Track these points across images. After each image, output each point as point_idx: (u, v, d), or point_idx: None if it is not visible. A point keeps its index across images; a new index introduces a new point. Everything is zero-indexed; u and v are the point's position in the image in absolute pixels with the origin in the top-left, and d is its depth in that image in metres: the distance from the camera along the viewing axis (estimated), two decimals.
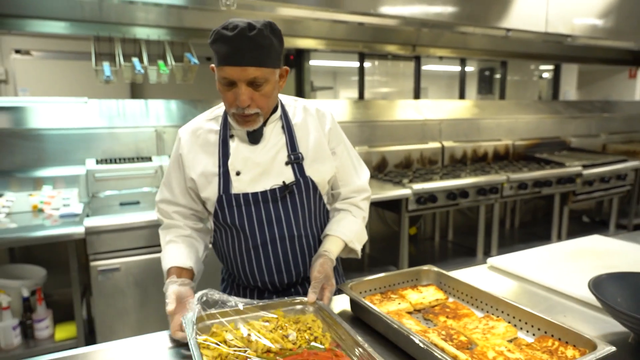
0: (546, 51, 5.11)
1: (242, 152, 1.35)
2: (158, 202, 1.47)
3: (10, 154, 2.89)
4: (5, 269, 2.67)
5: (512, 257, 1.74)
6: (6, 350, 2.38)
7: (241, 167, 1.34)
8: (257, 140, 1.35)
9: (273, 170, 1.36)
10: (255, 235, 1.36)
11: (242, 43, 1.15)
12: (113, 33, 3.09)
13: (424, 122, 4.30)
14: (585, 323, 1.26)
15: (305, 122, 1.42)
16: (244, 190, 1.34)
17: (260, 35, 1.16)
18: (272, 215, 1.36)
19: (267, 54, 1.20)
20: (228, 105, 1.26)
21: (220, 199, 1.34)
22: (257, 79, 1.21)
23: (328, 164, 1.43)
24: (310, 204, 1.41)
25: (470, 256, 3.79)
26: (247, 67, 1.18)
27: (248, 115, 1.25)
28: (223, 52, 1.17)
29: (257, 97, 1.24)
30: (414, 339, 1.02)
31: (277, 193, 1.35)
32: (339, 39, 4.03)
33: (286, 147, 1.37)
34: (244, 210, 1.35)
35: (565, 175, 3.91)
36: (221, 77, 1.22)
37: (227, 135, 1.37)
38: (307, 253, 1.43)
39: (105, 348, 1.18)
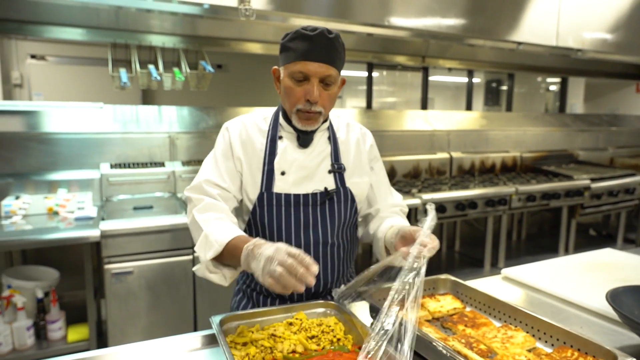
0: (553, 64, 5.16)
1: (290, 154, 1.39)
2: (203, 182, 1.35)
3: (26, 157, 2.93)
4: (19, 270, 2.70)
5: (526, 268, 1.76)
6: (20, 351, 2.40)
7: (287, 168, 1.37)
8: (306, 144, 1.40)
9: (316, 176, 1.39)
10: (291, 238, 1.37)
11: (322, 42, 1.25)
12: (129, 40, 3.15)
13: (432, 133, 4.33)
14: (602, 335, 1.28)
15: (347, 138, 1.49)
16: (287, 191, 1.37)
17: (336, 39, 1.29)
18: (310, 219, 1.37)
19: (339, 58, 1.31)
20: (295, 100, 1.31)
21: (261, 196, 1.36)
22: (329, 77, 1.29)
23: (366, 178, 1.49)
24: (347, 215, 1.44)
25: (478, 267, 3.80)
26: (324, 64, 1.27)
27: (313, 112, 1.31)
28: (303, 49, 1.26)
29: (324, 96, 1.31)
30: (436, 345, 1.04)
31: (318, 198, 1.38)
32: (348, 49, 4.03)
33: (330, 157, 1.43)
34: (283, 210, 1.36)
35: (573, 188, 3.92)
36: (296, 72, 1.28)
37: (276, 135, 1.40)
38: (337, 262, 1.44)
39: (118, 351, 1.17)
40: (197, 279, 2.68)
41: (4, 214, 2.59)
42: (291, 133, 1.40)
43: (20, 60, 4.21)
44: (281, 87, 1.36)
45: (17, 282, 2.51)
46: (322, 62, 1.27)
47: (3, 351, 2.36)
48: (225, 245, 1.18)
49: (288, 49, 1.30)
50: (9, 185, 2.81)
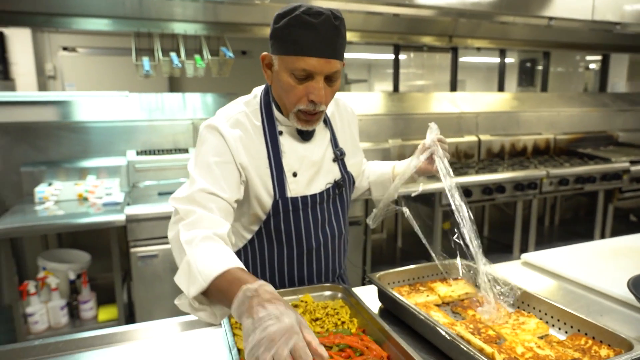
0: (593, 40, 4.87)
1: (296, 151, 1.24)
2: (195, 192, 1.09)
3: (58, 146, 3.05)
4: (54, 253, 2.83)
5: (547, 253, 1.69)
6: (55, 328, 2.53)
7: (297, 168, 1.23)
8: (309, 136, 1.25)
9: (323, 168, 1.28)
10: (311, 239, 1.28)
11: (328, 32, 1.06)
12: (152, 29, 3.19)
13: (459, 115, 4.20)
14: (624, 324, 1.21)
15: (338, 116, 1.37)
16: (302, 193, 1.24)
17: (342, 25, 1.10)
18: (325, 214, 1.29)
19: (344, 46, 1.13)
20: (296, 100, 1.12)
21: (276, 204, 1.21)
22: (336, 74, 1.12)
23: (359, 157, 1.43)
24: (350, 199, 1.40)
25: (506, 253, 3.69)
26: (331, 60, 1.08)
27: (317, 112, 1.14)
28: (305, 41, 1.05)
29: (328, 93, 1.13)
30: (439, 330, 1.01)
31: (331, 192, 1.29)
32: (373, 31, 3.99)
33: (331, 143, 1.31)
34: (301, 214, 1.24)
35: (610, 171, 3.73)
36: (298, 69, 1.07)
37: (274, 131, 1.21)
38: (344, 250, 1.43)
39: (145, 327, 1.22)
40: None
41: (38, 200, 2.71)
42: (289, 126, 1.23)
43: (53, 53, 4.37)
44: (275, 80, 1.15)
45: (51, 265, 2.64)
46: (328, 57, 1.07)
47: (40, 329, 2.49)
48: (212, 281, 0.91)
49: (285, 37, 1.07)
50: (43, 173, 2.93)
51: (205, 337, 1.19)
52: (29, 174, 2.91)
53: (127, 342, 1.18)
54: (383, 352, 1.00)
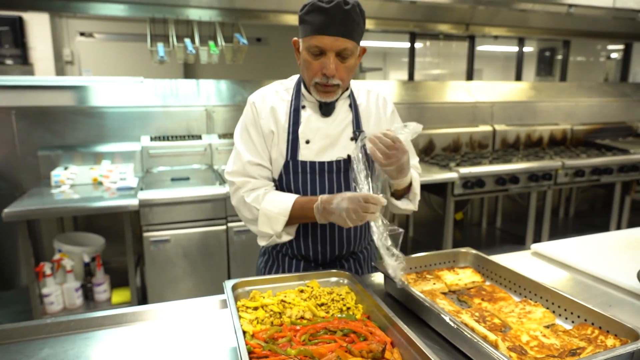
0: (615, 29, 4.73)
1: (313, 122, 1.40)
2: (246, 164, 1.40)
3: (74, 130, 3.10)
4: (69, 236, 2.90)
5: (558, 243, 1.67)
6: (70, 310, 2.60)
7: (311, 137, 1.40)
8: (329, 113, 1.42)
9: (339, 143, 1.41)
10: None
11: (338, 15, 1.23)
12: (167, 14, 3.20)
13: (474, 105, 4.15)
14: (632, 315, 1.20)
15: (368, 105, 1.49)
16: (312, 159, 1.40)
17: (353, 10, 1.25)
18: (334, 185, 1.41)
19: (356, 29, 1.28)
20: (312, 74, 1.32)
21: (287, 164, 1.39)
22: (345, 51, 1.28)
23: None
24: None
25: (519, 244, 3.66)
26: (339, 38, 1.25)
27: (331, 85, 1.32)
28: (318, 22, 1.24)
29: (342, 68, 1.30)
30: (444, 317, 1.02)
31: (342, 165, 1.41)
32: (389, 18, 3.94)
33: (352, 124, 1.44)
34: (308, 177, 1.40)
35: (628, 163, 3.65)
36: (312, 46, 1.27)
37: (299, 104, 1.41)
38: (359, 227, 1.47)
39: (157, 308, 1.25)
40: (231, 247, 2.77)
41: (54, 183, 2.77)
42: (313, 102, 1.42)
43: (70, 38, 4.41)
44: (300, 60, 1.36)
45: (67, 247, 2.70)
46: (338, 35, 1.25)
47: (55, 309, 2.57)
48: (289, 212, 1.32)
49: (305, 21, 1.28)
50: (59, 157, 2.99)
51: (214, 319, 1.21)
52: (45, 157, 2.97)
53: (138, 323, 1.20)
54: (387, 338, 1.01)
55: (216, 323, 1.19)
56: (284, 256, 1.51)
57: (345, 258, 1.50)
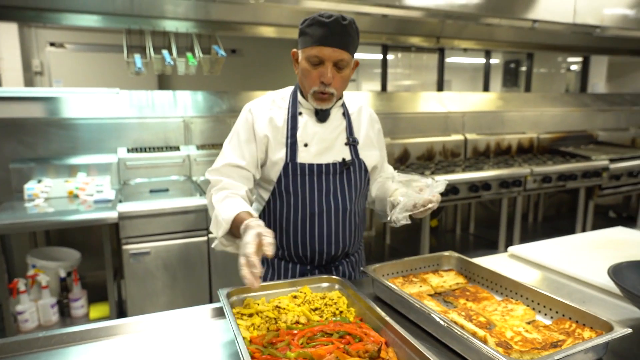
0: (574, 43, 5.02)
1: (310, 128, 1.50)
2: (222, 166, 1.47)
3: (47, 142, 3.03)
4: (42, 251, 2.82)
5: (532, 245, 1.77)
6: (45, 327, 2.52)
7: (309, 140, 1.49)
8: (324, 119, 1.52)
9: (335, 147, 1.51)
10: (314, 204, 1.47)
11: (336, 28, 1.35)
12: (144, 26, 3.19)
13: (446, 115, 4.29)
14: (605, 309, 1.28)
15: (359, 116, 1.61)
16: (310, 161, 1.48)
17: (350, 26, 1.37)
18: (330, 186, 1.49)
19: (352, 43, 1.40)
20: (311, 82, 1.42)
21: (286, 166, 1.46)
22: (342, 61, 1.39)
23: (374, 152, 1.61)
24: (361, 183, 1.55)
25: (492, 249, 3.79)
26: (337, 49, 1.36)
27: (327, 93, 1.42)
28: (318, 34, 1.35)
29: (338, 78, 1.41)
30: (434, 317, 1.07)
31: (338, 167, 1.50)
32: (362, 31, 3.96)
33: (346, 131, 1.55)
34: (307, 179, 1.47)
35: (591, 169, 3.85)
36: (312, 56, 1.38)
37: (296, 111, 1.51)
38: (353, 228, 1.54)
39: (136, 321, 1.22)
40: (212, 259, 2.76)
41: (27, 197, 2.70)
42: (310, 109, 1.51)
43: (40, 49, 4.31)
44: (299, 69, 1.46)
45: (41, 262, 2.63)
46: (335, 47, 1.36)
47: (30, 327, 2.49)
48: (231, 222, 1.32)
49: (306, 34, 1.39)
50: (32, 170, 2.92)
51: (207, 328, 1.22)
52: (17, 170, 2.89)
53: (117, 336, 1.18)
54: (381, 338, 1.05)
55: (209, 332, 1.20)
56: (279, 260, 1.56)
57: (340, 260, 1.56)
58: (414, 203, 1.35)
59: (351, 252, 1.58)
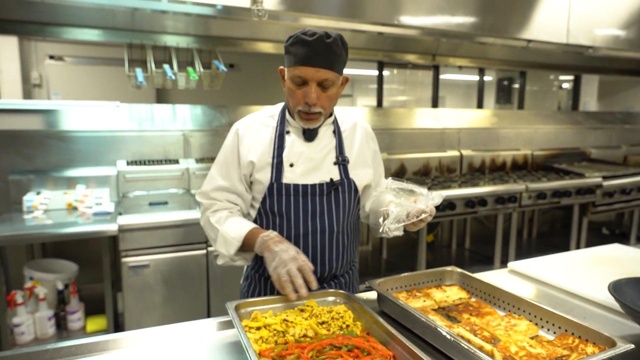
0: (566, 62, 5.13)
1: (297, 147, 1.47)
2: (211, 190, 1.49)
3: (47, 154, 3.03)
4: (40, 263, 2.80)
5: (532, 261, 1.79)
6: (41, 340, 2.50)
7: (295, 160, 1.46)
8: (312, 138, 1.48)
9: (323, 167, 1.48)
10: (299, 225, 1.45)
11: (319, 47, 1.31)
12: (145, 41, 3.23)
13: (442, 131, 4.35)
14: (605, 325, 1.31)
15: (352, 134, 1.57)
16: (295, 182, 1.45)
17: (334, 43, 1.33)
18: (317, 207, 1.46)
19: (337, 61, 1.36)
20: (296, 102, 1.39)
21: (271, 186, 1.44)
22: (326, 81, 1.35)
23: (367, 171, 1.58)
24: (351, 204, 1.52)
25: (487, 264, 3.81)
26: (320, 69, 1.33)
27: (313, 113, 1.39)
28: (301, 54, 1.32)
29: (323, 97, 1.38)
30: (441, 331, 1.09)
31: (325, 188, 1.47)
32: (359, 48, 4.12)
33: (335, 150, 1.51)
34: (292, 200, 1.45)
35: (584, 186, 3.91)
36: (295, 76, 1.35)
37: (283, 130, 1.48)
38: (342, 249, 1.52)
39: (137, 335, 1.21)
40: (211, 272, 2.76)
41: (26, 208, 2.69)
42: (297, 128, 1.48)
43: (39, 61, 4.33)
44: (286, 88, 1.43)
45: (39, 274, 2.61)
46: (319, 67, 1.32)
47: (26, 340, 2.46)
48: (242, 240, 1.38)
49: (289, 52, 1.36)
50: (31, 182, 2.91)
51: (214, 341, 1.22)
52: (16, 182, 2.88)
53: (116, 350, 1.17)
54: (389, 352, 1.06)
55: (217, 345, 1.20)
56: (266, 280, 1.53)
57: (327, 281, 1.54)
58: (406, 213, 1.32)
59: (340, 274, 1.56)
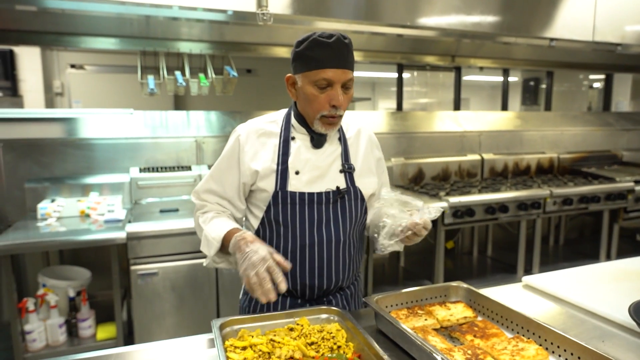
0: (596, 60, 4.89)
1: (303, 154, 1.42)
2: (202, 192, 1.48)
3: (62, 162, 3.07)
4: (54, 270, 2.83)
5: (549, 275, 1.67)
6: (52, 347, 2.51)
7: (301, 168, 1.41)
8: (320, 144, 1.44)
9: (328, 175, 1.43)
10: (305, 235, 1.40)
11: (342, 48, 1.30)
12: (158, 47, 3.24)
13: (462, 134, 4.21)
14: (626, 350, 1.19)
15: (357, 142, 1.53)
16: (301, 190, 1.40)
17: (351, 44, 1.34)
18: (323, 217, 1.41)
19: (353, 60, 1.36)
20: (319, 107, 1.34)
21: (276, 194, 1.39)
22: (350, 81, 1.34)
23: (372, 179, 1.53)
24: (357, 213, 1.47)
25: (510, 273, 3.65)
26: (346, 70, 1.32)
27: (337, 116, 1.36)
28: (324, 57, 1.29)
29: (345, 99, 1.35)
30: (436, 356, 1.00)
31: (331, 196, 1.42)
32: (377, 51, 4.03)
33: (341, 157, 1.47)
34: (297, 208, 1.40)
35: (615, 191, 3.70)
36: (320, 79, 1.31)
37: (288, 136, 1.43)
38: (348, 261, 1.46)
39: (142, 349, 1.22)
40: (220, 280, 2.72)
41: (40, 216, 2.73)
42: (304, 134, 1.44)
43: (61, 70, 4.44)
44: (300, 95, 1.37)
45: (51, 282, 2.63)
46: (343, 68, 1.31)
47: (37, 347, 2.48)
48: (221, 240, 1.33)
49: (306, 57, 1.31)
50: (46, 189, 2.95)
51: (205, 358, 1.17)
52: (32, 190, 2.93)
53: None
54: None
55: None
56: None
57: (333, 294, 1.48)
58: (399, 224, 1.27)
59: (345, 285, 1.51)
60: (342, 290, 1.50)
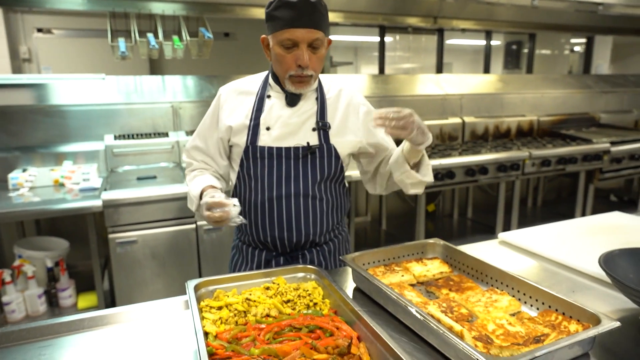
0: (578, 22, 4.86)
1: (276, 111, 1.45)
2: (190, 149, 1.57)
3: (33, 130, 2.96)
4: (31, 241, 2.78)
5: (524, 232, 1.70)
6: (33, 317, 2.50)
7: (272, 124, 1.44)
8: (294, 103, 1.45)
9: (300, 132, 1.45)
10: (273, 188, 1.44)
11: (306, 8, 1.30)
12: (129, 8, 3.09)
13: (444, 97, 4.19)
14: (595, 300, 1.22)
15: (337, 100, 1.52)
16: (270, 144, 1.44)
17: (319, 3, 1.33)
18: (291, 171, 1.44)
19: (324, 21, 1.35)
20: (287, 67, 1.36)
21: (247, 149, 1.44)
22: (317, 41, 1.34)
23: (351, 138, 1.51)
24: (330, 170, 1.47)
25: (490, 234, 3.72)
26: (311, 29, 1.31)
27: (305, 75, 1.36)
28: (289, 16, 1.30)
29: (314, 59, 1.36)
30: (411, 309, 1.01)
31: (300, 152, 1.44)
32: (358, 12, 3.93)
33: (316, 115, 1.47)
34: (266, 162, 1.44)
35: (591, 152, 3.76)
36: (285, 40, 1.32)
37: (264, 94, 1.48)
38: (319, 215, 1.47)
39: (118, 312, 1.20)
40: (201, 246, 2.71)
41: (12, 186, 2.64)
42: (279, 93, 1.46)
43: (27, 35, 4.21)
44: (272, 55, 1.40)
45: (28, 252, 2.59)
46: (308, 27, 1.31)
47: (17, 317, 2.46)
48: (199, 197, 1.41)
49: (274, 17, 1.32)
50: (17, 159, 2.86)
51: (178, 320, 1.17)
52: (2, 159, 2.83)
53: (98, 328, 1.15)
54: (353, 332, 0.99)
55: (180, 325, 1.15)
56: (247, 247, 1.53)
57: (308, 249, 1.50)
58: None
59: (323, 242, 1.51)
60: (318, 246, 1.51)
